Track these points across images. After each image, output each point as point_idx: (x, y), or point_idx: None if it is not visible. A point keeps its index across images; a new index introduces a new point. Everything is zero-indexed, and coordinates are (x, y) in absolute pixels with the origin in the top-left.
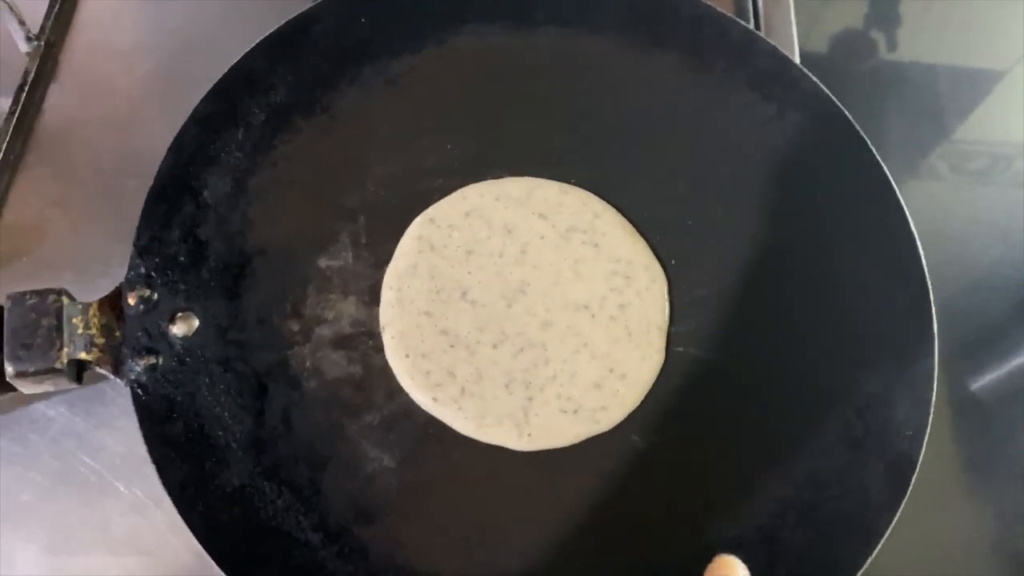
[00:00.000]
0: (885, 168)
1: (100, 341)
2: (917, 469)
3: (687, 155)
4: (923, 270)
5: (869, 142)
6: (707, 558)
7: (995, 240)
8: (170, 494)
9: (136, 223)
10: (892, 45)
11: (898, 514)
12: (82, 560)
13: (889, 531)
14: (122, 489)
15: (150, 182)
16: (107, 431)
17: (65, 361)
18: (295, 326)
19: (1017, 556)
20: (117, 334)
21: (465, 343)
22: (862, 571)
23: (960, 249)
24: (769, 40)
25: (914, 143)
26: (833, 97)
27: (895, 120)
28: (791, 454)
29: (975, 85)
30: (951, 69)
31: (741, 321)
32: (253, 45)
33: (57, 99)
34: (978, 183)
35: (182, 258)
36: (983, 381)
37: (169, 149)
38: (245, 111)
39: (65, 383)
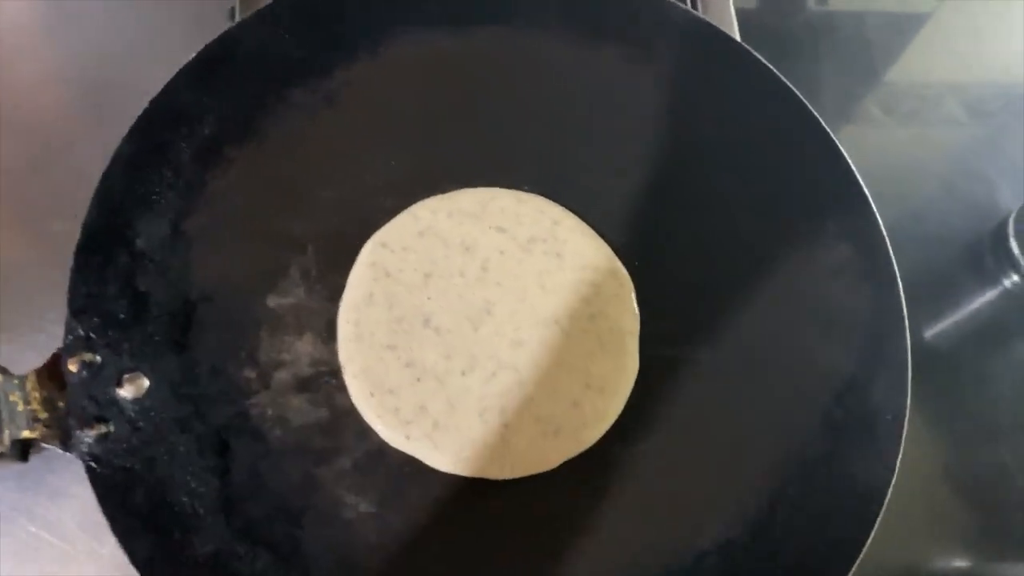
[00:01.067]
0: (838, 142)
1: (43, 415)
2: (901, 451)
3: (640, 149)
4: (888, 250)
5: (820, 118)
6: (700, 567)
7: (929, 179)
8: (139, 569)
9: (66, 269)
10: None
11: (888, 497)
12: None
13: (882, 514)
14: (83, 562)
15: (77, 224)
16: (61, 501)
17: (7, 442)
18: (251, 373)
19: (966, 483)
20: (61, 405)
21: (433, 374)
22: (861, 555)
23: (901, 194)
24: (707, 18)
25: (847, 90)
26: (778, 73)
27: (828, 69)
28: (775, 447)
29: (901, 29)
30: (877, 15)
31: (711, 315)
32: (172, 76)
33: None
34: (912, 124)
35: (122, 315)
36: (936, 328)
37: (94, 198)
38: (172, 148)
39: (9, 463)
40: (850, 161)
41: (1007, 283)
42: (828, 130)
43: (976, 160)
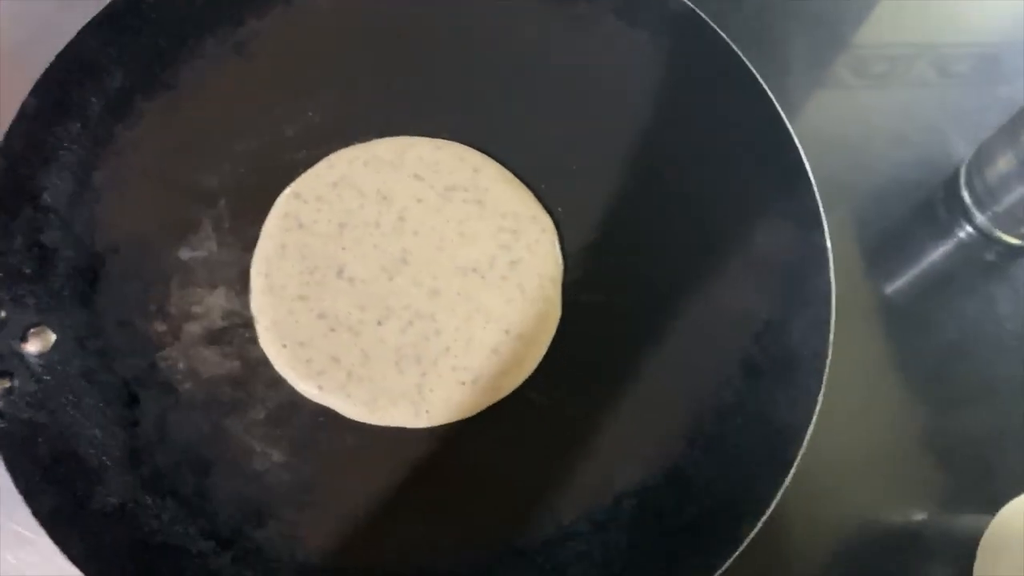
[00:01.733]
0: (761, 80)
1: None
2: (822, 392)
3: (560, 94)
4: (811, 185)
5: (743, 56)
6: (617, 508)
7: (895, 143)
8: (42, 523)
9: None
10: None
11: (806, 441)
12: None
13: (799, 459)
14: (4, 521)
15: None
16: None
17: None
18: (161, 326)
19: (944, 442)
20: None
21: (347, 324)
22: (776, 500)
23: (864, 155)
24: None
25: (815, 53)
26: (703, 15)
27: (795, 32)
28: (693, 389)
29: None
30: None
31: (633, 261)
32: (80, 28)
33: None
34: (879, 87)
35: (27, 269)
36: (896, 283)
37: None
38: (80, 101)
39: None
40: (772, 96)
41: (961, 234)
42: (755, 72)
43: (940, 119)
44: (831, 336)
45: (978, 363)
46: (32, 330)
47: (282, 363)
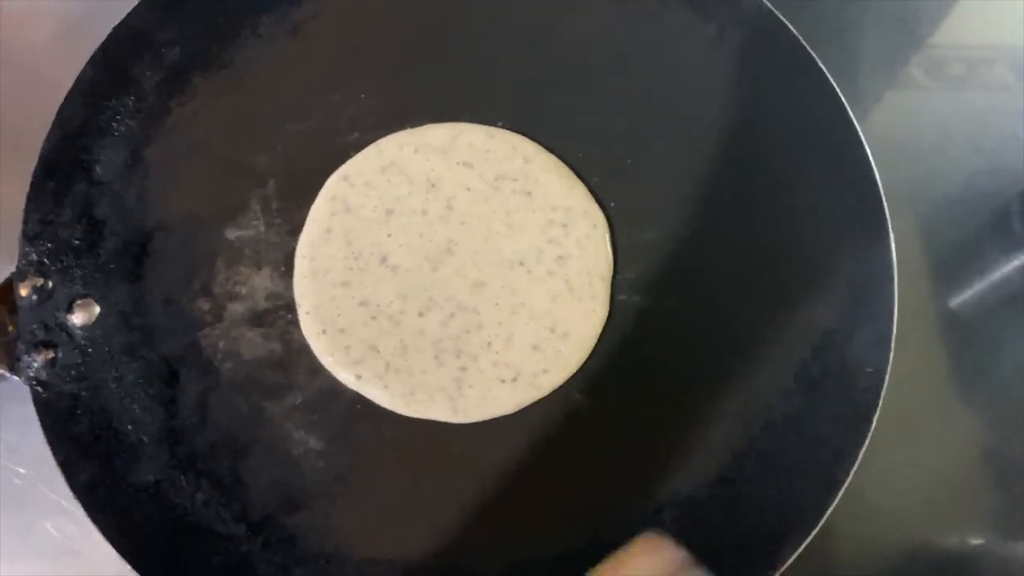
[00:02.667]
0: (835, 86)
1: None
2: (878, 412)
3: (622, 86)
4: (881, 200)
5: (816, 57)
6: (659, 518)
7: (970, 149)
8: (78, 496)
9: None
10: None
11: (858, 461)
12: (6, 567)
13: (851, 476)
14: (45, 490)
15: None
16: (21, 429)
17: None
18: (205, 305)
19: (1005, 465)
20: (10, 329)
21: (388, 313)
22: (825, 517)
23: (937, 160)
24: None
25: (889, 52)
26: (776, 11)
27: (869, 29)
28: (745, 401)
29: None
30: None
31: (688, 262)
32: (138, 2)
33: None
34: (956, 89)
35: (77, 241)
36: (963, 296)
37: (53, 123)
38: (136, 74)
39: None
40: (844, 101)
41: None
42: (826, 73)
43: (1019, 126)
44: (891, 355)
45: None
46: (78, 302)
47: (321, 349)
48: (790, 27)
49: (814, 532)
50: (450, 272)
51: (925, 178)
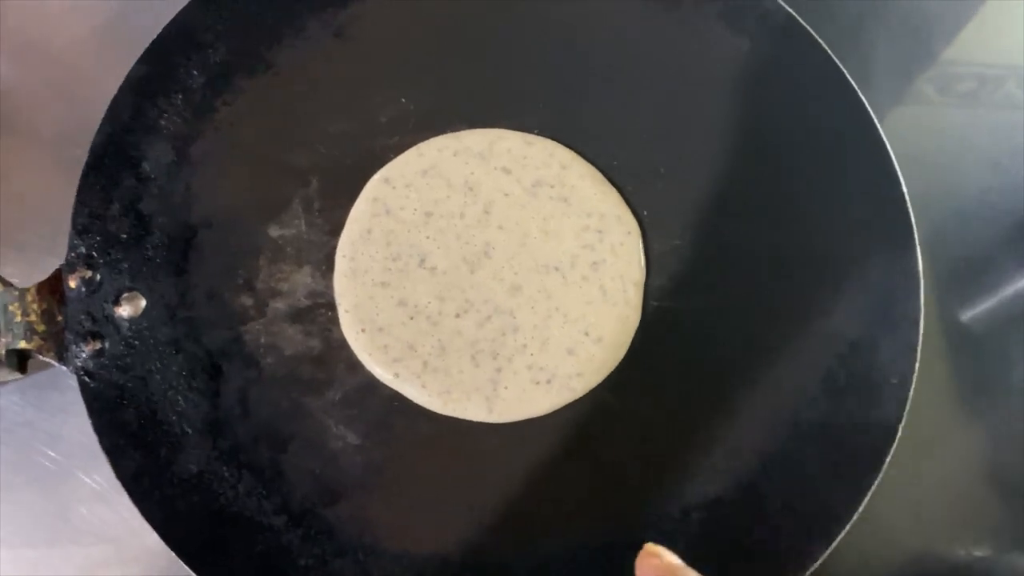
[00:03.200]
0: (864, 99)
1: (41, 328)
2: (904, 419)
3: (656, 96)
4: (907, 210)
5: (847, 72)
6: (686, 520)
7: (983, 166)
8: (124, 484)
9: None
10: None
11: (885, 466)
12: (43, 551)
13: (877, 483)
14: (81, 476)
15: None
16: (63, 417)
17: (3, 352)
18: (248, 300)
19: (1013, 479)
20: (59, 319)
21: (426, 314)
22: (849, 525)
23: (948, 176)
24: None
25: (901, 66)
26: (808, 27)
27: (881, 45)
28: (772, 406)
29: (960, 5)
30: None
31: (718, 269)
32: (188, 2)
33: None
34: (967, 106)
35: (124, 235)
36: (974, 311)
37: (104, 119)
38: (183, 73)
39: (7, 374)
40: (873, 114)
41: None
42: (854, 84)
43: None
44: (917, 363)
45: None
46: (125, 295)
47: (360, 347)
48: (819, 40)
49: (840, 537)
50: (487, 275)
51: (937, 192)
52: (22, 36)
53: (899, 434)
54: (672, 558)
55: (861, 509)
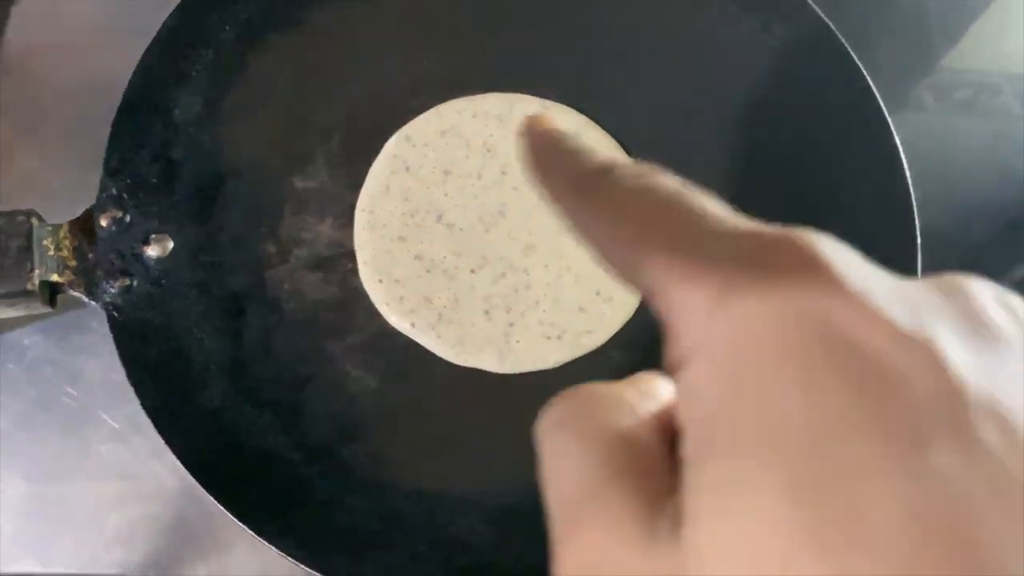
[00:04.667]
0: (871, 82)
1: (72, 264)
2: None
3: (671, 73)
4: (910, 195)
5: (855, 56)
6: None
7: (979, 171)
8: (149, 415)
9: (104, 149)
10: None
11: None
12: (63, 487)
13: None
14: (102, 415)
15: (116, 107)
16: (85, 358)
17: (37, 283)
18: (272, 248)
19: None
20: (90, 256)
21: (442, 268)
22: None
23: (945, 179)
24: None
25: (900, 73)
26: (819, 11)
27: (881, 50)
28: None
29: (961, 14)
30: None
31: None
32: None
33: (17, 23)
34: (964, 113)
35: (154, 180)
36: None
37: (137, 67)
38: (215, 27)
39: (38, 306)
40: (883, 106)
41: None
42: (863, 69)
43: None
44: None
45: None
46: (153, 236)
47: (378, 297)
48: (832, 28)
49: None
50: (502, 234)
51: (933, 196)
52: None
53: None
54: (550, 123)
55: None
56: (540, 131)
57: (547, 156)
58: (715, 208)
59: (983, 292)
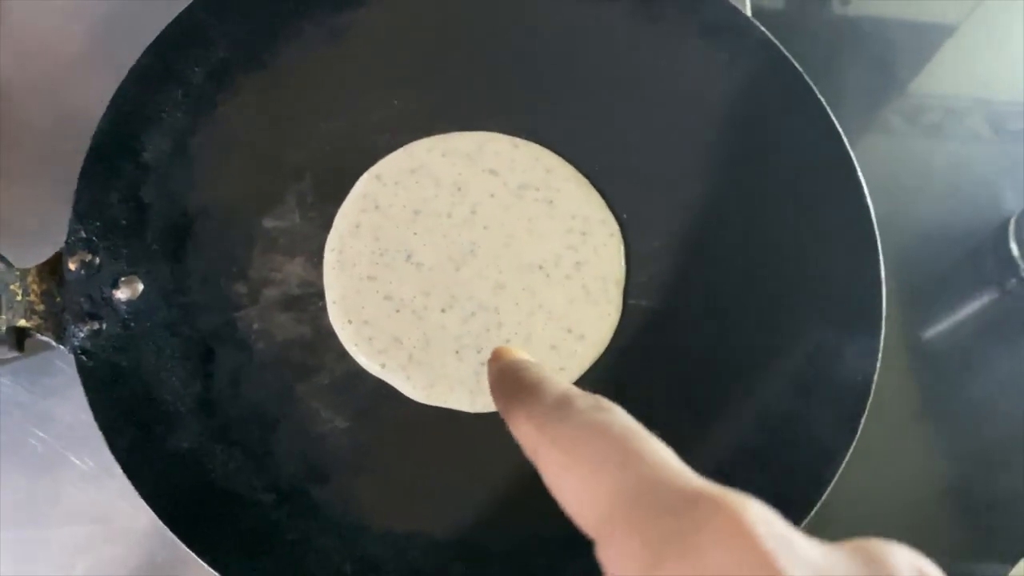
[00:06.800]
0: (832, 116)
1: (40, 308)
2: (865, 415)
3: (638, 104)
4: (871, 219)
5: (816, 90)
6: None
7: (946, 193)
8: (118, 459)
9: (75, 187)
10: (845, 0)
11: (847, 459)
12: (32, 531)
13: (838, 476)
14: (72, 459)
15: (87, 145)
16: (54, 400)
17: (3, 328)
18: (242, 288)
19: (971, 497)
20: (58, 300)
21: (411, 308)
22: (812, 514)
23: (911, 201)
24: None
25: (868, 98)
26: (781, 46)
27: (849, 74)
28: (743, 401)
29: (927, 39)
30: (903, 23)
31: (693, 270)
32: (191, 1)
33: None
34: (931, 137)
35: (124, 221)
36: (934, 329)
37: (107, 108)
38: (185, 68)
39: (5, 351)
40: (845, 137)
41: (1007, 287)
42: (823, 101)
43: (991, 173)
44: (878, 364)
45: (1010, 418)
46: (123, 278)
47: (347, 338)
48: (793, 61)
49: (802, 525)
50: (472, 273)
51: (901, 216)
52: (21, 32)
53: (860, 431)
54: (516, 354)
55: (820, 503)
56: (504, 362)
57: (510, 387)
58: (661, 455)
59: (902, 562)
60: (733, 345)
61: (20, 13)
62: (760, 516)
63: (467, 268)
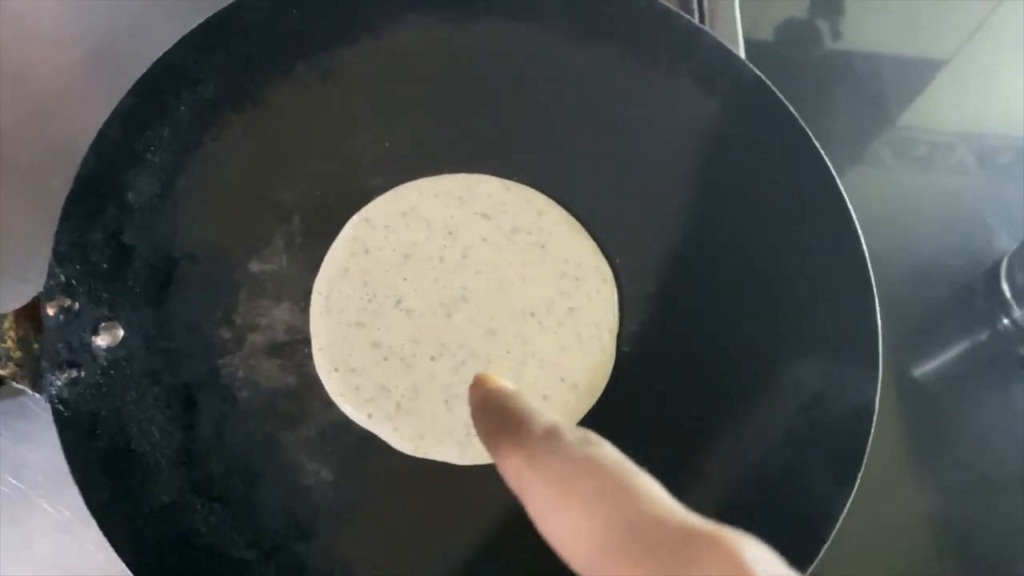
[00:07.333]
0: (828, 161)
1: (17, 355)
2: (863, 468)
3: (632, 149)
4: (867, 266)
5: (811, 134)
6: None
7: (935, 228)
8: (94, 514)
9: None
10: (836, 35)
11: (844, 512)
12: None
13: (837, 529)
14: (46, 507)
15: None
16: (29, 447)
17: None
18: (226, 334)
19: (962, 535)
20: (35, 347)
21: (400, 355)
22: (815, 564)
23: (902, 236)
24: (713, 33)
25: (859, 131)
26: (776, 91)
27: (840, 108)
28: (738, 454)
29: (917, 74)
30: (894, 58)
31: (687, 318)
32: (181, 36)
33: None
34: (921, 170)
35: (105, 264)
36: (926, 367)
37: (90, 148)
38: (172, 107)
39: None
40: (840, 183)
41: (998, 326)
42: (818, 145)
43: (982, 209)
44: (875, 416)
45: (1001, 457)
46: (103, 324)
47: (333, 388)
48: (786, 103)
49: None
50: (463, 319)
51: (891, 252)
52: (6, 64)
53: (858, 483)
54: (499, 382)
55: (819, 559)
56: (487, 390)
57: (496, 417)
58: (654, 491)
59: None
60: (727, 396)
61: (8, 46)
62: (758, 555)
63: (458, 314)
